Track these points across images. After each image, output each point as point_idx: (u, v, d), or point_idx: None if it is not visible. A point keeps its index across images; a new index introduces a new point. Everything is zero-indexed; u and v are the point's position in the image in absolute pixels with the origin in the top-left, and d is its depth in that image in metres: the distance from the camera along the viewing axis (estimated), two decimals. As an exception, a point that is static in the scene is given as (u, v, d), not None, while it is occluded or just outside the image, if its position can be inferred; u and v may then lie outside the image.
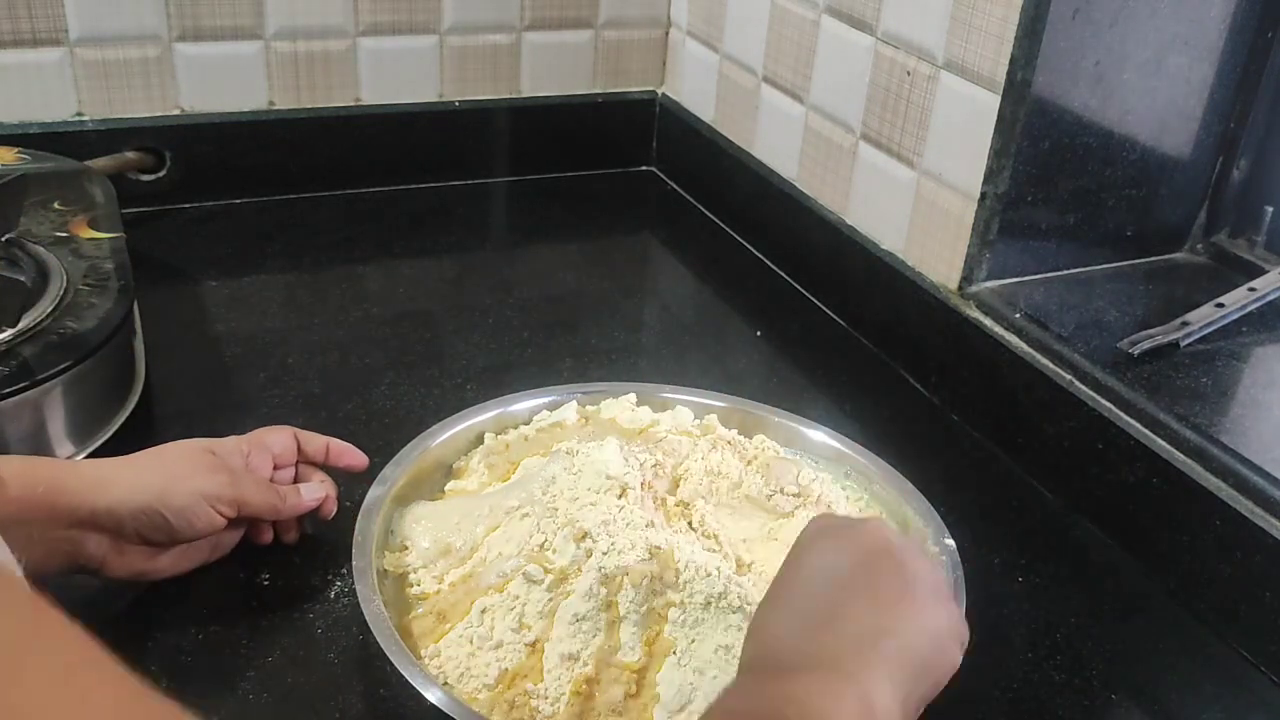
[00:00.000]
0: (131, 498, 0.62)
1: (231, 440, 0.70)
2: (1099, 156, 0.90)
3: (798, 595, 0.52)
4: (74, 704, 0.27)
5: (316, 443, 0.74)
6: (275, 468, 0.72)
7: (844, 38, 1.03)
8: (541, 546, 0.65)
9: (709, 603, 0.61)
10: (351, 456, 0.75)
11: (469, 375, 0.94)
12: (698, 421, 0.80)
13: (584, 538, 0.64)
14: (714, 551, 0.67)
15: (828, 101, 1.07)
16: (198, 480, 0.65)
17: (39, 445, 0.76)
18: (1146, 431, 0.77)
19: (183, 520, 0.64)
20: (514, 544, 0.66)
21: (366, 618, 0.60)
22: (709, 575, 0.62)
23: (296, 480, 0.73)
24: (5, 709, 0.25)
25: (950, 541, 0.70)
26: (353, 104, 1.22)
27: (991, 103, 0.87)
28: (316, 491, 0.72)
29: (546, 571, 0.63)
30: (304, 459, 0.74)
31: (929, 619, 0.52)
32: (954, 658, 0.53)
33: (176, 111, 1.15)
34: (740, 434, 0.79)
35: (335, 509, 0.73)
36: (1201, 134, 0.93)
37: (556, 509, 0.67)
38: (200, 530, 0.65)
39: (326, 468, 0.74)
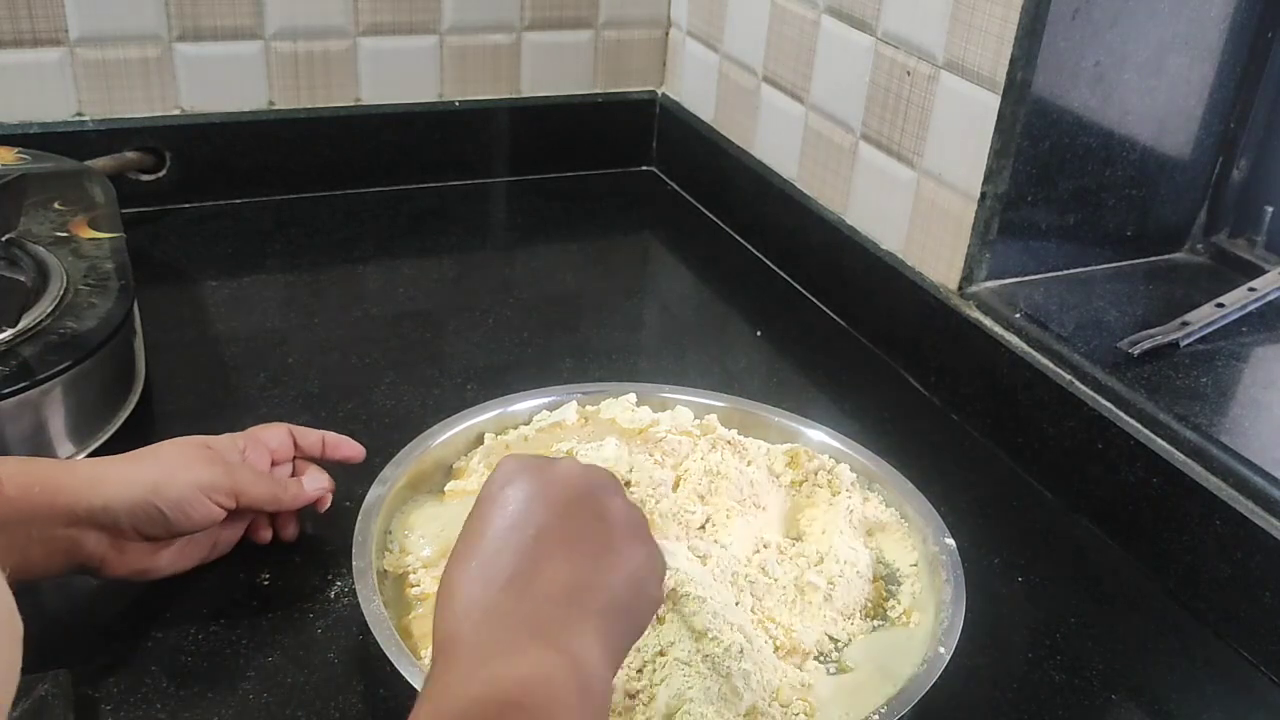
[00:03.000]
0: (127, 493, 0.62)
1: (227, 436, 0.70)
2: (1099, 156, 0.90)
3: (490, 552, 0.49)
4: None
5: (312, 437, 0.74)
6: (273, 464, 0.72)
7: (844, 38, 1.03)
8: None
9: (675, 604, 0.62)
10: (348, 448, 0.75)
11: (469, 375, 0.94)
12: (698, 421, 0.80)
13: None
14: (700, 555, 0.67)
15: (828, 101, 1.07)
16: (193, 472, 0.65)
17: (39, 445, 0.76)
18: (1146, 431, 0.77)
19: (179, 513, 0.64)
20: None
21: (366, 618, 0.60)
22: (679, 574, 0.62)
23: (294, 476, 0.73)
24: None
25: (950, 541, 0.70)
26: (353, 104, 1.22)
27: (991, 103, 0.87)
28: (320, 481, 0.72)
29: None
30: (300, 454, 0.74)
31: (629, 564, 0.50)
32: (656, 595, 0.52)
33: (176, 111, 1.15)
34: (740, 434, 0.79)
35: (330, 502, 0.73)
36: (1201, 134, 0.93)
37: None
38: (197, 522, 0.65)
39: (323, 462, 0.74)
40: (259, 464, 0.71)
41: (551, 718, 0.43)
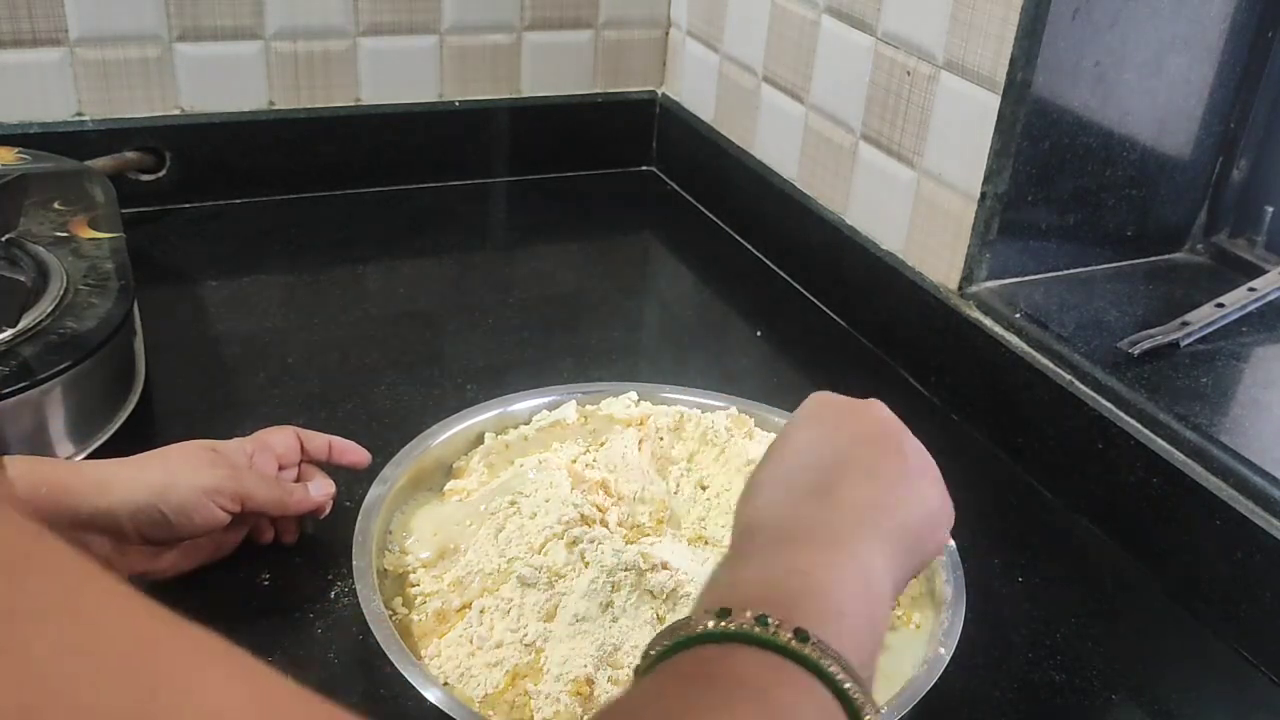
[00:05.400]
0: (132, 497, 0.62)
1: (235, 440, 0.71)
2: (1099, 156, 0.90)
3: (793, 468, 0.52)
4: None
5: (318, 441, 0.74)
6: (280, 468, 0.72)
7: (844, 38, 1.03)
8: (540, 549, 0.65)
9: (667, 595, 0.62)
10: (354, 454, 0.75)
11: (469, 375, 0.94)
12: (731, 413, 0.80)
13: (575, 544, 0.64)
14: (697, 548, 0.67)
15: (828, 101, 1.07)
16: (198, 476, 0.65)
17: (39, 445, 0.76)
18: (1146, 431, 0.77)
19: (183, 516, 0.64)
20: (512, 545, 0.66)
21: (366, 618, 0.60)
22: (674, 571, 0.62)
23: (299, 480, 0.73)
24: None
25: (950, 542, 0.70)
26: (353, 104, 1.22)
27: (991, 103, 0.87)
28: (327, 487, 0.72)
29: (543, 574, 0.63)
30: (307, 458, 0.74)
31: (924, 501, 0.52)
32: (943, 538, 0.54)
33: (176, 111, 1.15)
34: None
35: (330, 508, 0.73)
36: (1201, 134, 0.93)
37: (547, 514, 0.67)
38: (200, 526, 0.65)
39: (329, 466, 0.74)
40: (265, 469, 0.71)
41: (838, 605, 0.43)
